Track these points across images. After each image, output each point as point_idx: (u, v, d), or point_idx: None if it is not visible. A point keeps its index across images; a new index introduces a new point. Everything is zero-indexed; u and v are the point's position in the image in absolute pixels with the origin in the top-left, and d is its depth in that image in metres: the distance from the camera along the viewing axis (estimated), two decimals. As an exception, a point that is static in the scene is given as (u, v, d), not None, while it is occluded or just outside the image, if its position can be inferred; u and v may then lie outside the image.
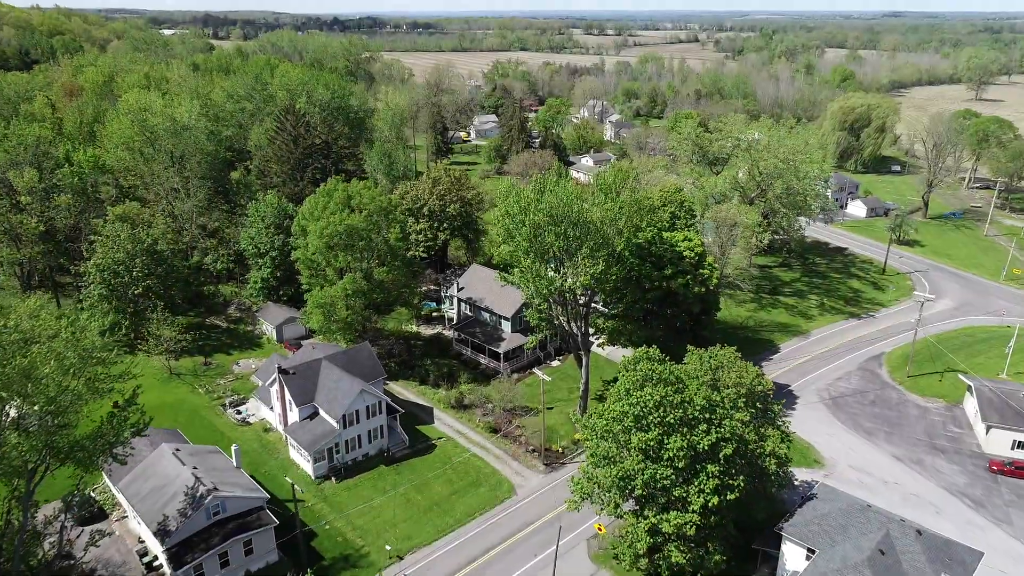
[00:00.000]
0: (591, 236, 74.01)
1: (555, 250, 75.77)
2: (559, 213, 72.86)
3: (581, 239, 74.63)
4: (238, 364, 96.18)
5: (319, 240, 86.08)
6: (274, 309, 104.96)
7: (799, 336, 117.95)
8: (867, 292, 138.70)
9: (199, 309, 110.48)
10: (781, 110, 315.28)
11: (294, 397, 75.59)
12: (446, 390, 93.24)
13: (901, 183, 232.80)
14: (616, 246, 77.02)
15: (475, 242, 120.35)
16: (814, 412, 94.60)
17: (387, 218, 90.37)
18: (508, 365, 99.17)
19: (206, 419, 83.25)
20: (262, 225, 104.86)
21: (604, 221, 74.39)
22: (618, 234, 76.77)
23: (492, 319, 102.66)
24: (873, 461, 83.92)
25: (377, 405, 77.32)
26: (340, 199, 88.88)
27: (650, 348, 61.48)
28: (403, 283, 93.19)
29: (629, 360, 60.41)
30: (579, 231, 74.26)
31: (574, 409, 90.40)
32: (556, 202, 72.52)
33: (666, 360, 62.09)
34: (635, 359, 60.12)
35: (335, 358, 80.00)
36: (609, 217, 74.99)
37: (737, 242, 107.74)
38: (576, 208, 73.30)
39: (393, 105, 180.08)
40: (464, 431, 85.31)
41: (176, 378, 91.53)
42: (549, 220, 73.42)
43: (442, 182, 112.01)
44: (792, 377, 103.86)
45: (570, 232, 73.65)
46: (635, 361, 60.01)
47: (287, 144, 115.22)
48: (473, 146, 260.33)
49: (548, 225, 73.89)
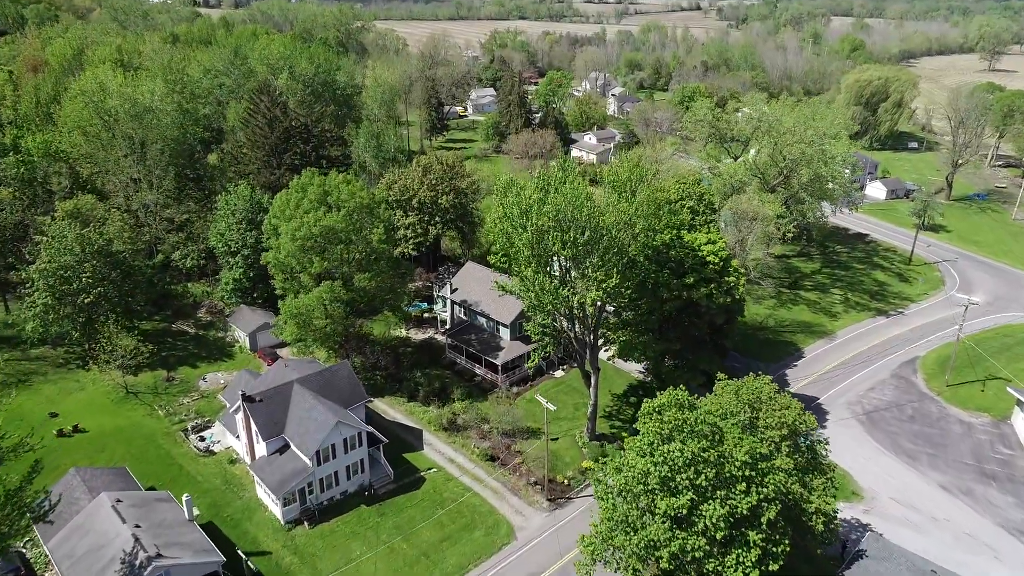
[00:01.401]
0: (602, 242, 63.53)
1: (561, 258, 65.43)
2: (567, 217, 62.31)
3: (591, 246, 64.20)
4: (204, 379, 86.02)
5: (291, 243, 75.53)
6: (247, 313, 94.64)
7: (824, 338, 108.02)
8: (893, 285, 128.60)
9: (165, 313, 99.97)
10: (790, 82, 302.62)
11: (261, 429, 65.68)
12: (437, 408, 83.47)
13: (919, 161, 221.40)
14: (631, 252, 66.55)
15: (471, 235, 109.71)
16: (847, 430, 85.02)
17: (370, 216, 79.67)
18: (506, 378, 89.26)
19: (163, 449, 73.28)
20: (232, 220, 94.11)
21: (618, 225, 63.85)
22: (633, 239, 66.28)
23: (489, 325, 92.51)
24: (917, 491, 74.50)
25: (357, 437, 67.48)
26: (316, 195, 78.12)
27: (677, 390, 51.31)
28: (388, 288, 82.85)
29: (652, 407, 50.29)
30: (589, 237, 63.79)
31: (581, 431, 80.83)
32: (564, 204, 61.87)
33: (695, 401, 52.03)
34: (659, 405, 50.02)
35: (309, 381, 69.94)
36: (623, 220, 64.47)
37: (759, 236, 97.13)
38: (586, 211, 62.72)
39: (382, 81, 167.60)
40: (457, 459, 75.63)
41: (133, 397, 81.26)
42: (555, 225, 62.91)
43: (433, 171, 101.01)
44: (820, 388, 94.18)
45: (579, 239, 63.18)
46: (659, 408, 49.92)
47: (261, 128, 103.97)
48: (470, 122, 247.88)
49: (554, 231, 63.40)
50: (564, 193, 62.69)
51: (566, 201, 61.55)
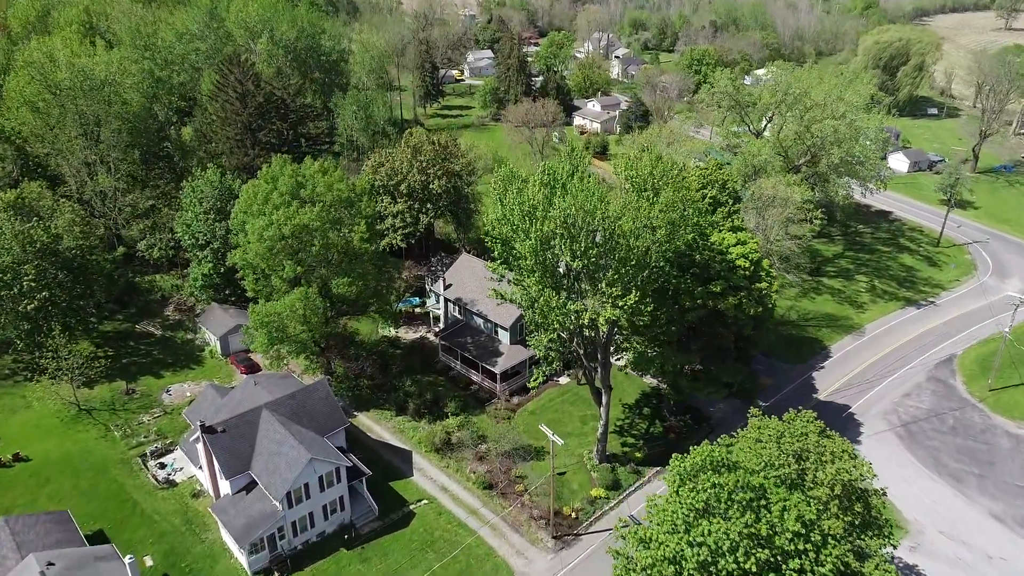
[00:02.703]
0: (619, 252, 53.99)
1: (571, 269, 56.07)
2: (578, 223, 52.65)
3: (606, 256, 54.70)
4: (168, 391, 76.92)
5: (259, 243, 65.88)
6: (219, 314, 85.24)
7: (852, 333, 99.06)
8: (922, 270, 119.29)
9: (129, 311, 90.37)
10: (802, 43, 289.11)
11: (223, 466, 56.94)
12: (428, 423, 74.82)
13: (939, 128, 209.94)
14: (651, 262, 57.03)
15: (466, 221, 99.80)
16: (883, 446, 76.56)
17: (350, 211, 69.86)
18: (506, 387, 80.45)
19: (116, 480, 64.43)
20: (199, 209, 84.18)
21: (637, 232, 54.24)
22: (654, 245, 56.70)
23: (487, 326, 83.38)
24: (968, 522, 66.30)
25: (335, 473, 58.79)
26: (287, 188, 68.18)
27: (714, 448, 42.27)
28: (373, 291, 73.51)
29: (684, 470, 41.24)
30: (604, 246, 54.24)
31: (590, 451, 72.29)
32: (574, 209, 52.16)
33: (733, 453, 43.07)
34: (691, 469, 40.96)
35: (280, 406, 60.97)
36: (644, 225, 54.84)
37: (782, 222, 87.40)
38: (600, 215, 53.02)
39: (371, 46, 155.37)
40: (450, 487, 67.12)
41: (85, 415, 72.12)
42: (564, 232, 53.29)
43: (424, 151, 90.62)
44: (851, 393, 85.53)
45: (591, 250, 53.60)
46: (691, 472, 40.89)
47: (232, 103, 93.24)
48: (467, 87, 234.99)
49: (562, 238, 53.82)
50: (574, 194, 52.92)
51: (577, 205, 51.79)
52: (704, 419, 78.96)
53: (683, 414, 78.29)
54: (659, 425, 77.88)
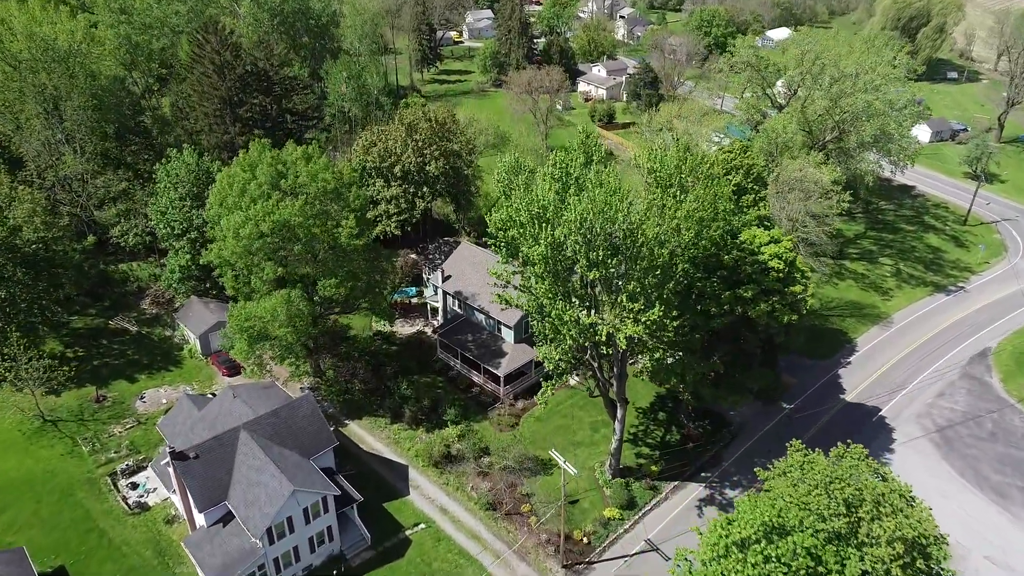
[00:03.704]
0: (642, 262, 47.19)
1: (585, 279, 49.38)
2: (596, 229, 45.73)
3: (627, 266, 47.93)
4: (143, 398, 70.62)
5: (236, 242, 58.90)
6: (198, 309, 78.54)
7: (879, 323, 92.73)
8: (949, 251, 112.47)
9: (102, 304, 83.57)
10: (815, 1, 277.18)
11: (196, 497, 50.96)
12: (426, 431, 68.90)
13: (960, 94, 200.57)
14: (677, 272, 50.32)
15: (466, 204, 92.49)
16: (918, 455, 70.82)
17: (338, 203, 62.71)
18: (510, 389, 74.31)
19: (82, 505, 58.43)
20: (174, 195, 76.93)
21: (664, 236, 47.39)
22: (680, 249, 49.93)
23: (489, 323, 76.92)
24: (1016, 547, 60.76)
25: (321, 503, 52.89)
26: (267, 177, 60.90)
27: (761, 507, 36.07)
28: (365, 290, 66.80)
29: (728, 538, 35.03)
30: (625, 254, 47.45)
31: (601, 464, 66.48)
32: (591, 214, 45.17)
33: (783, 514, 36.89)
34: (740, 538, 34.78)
35: (260, 426, 54.75)
36: (670, 228, 47.99)
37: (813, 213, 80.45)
38: (621, 218, 46.06)
39: (363, 8, 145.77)
40: (450, 508, 61.35)
41: (51, 427, 65.90)
42: (579, 239, 46.41)
43: (420, 130, 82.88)
44: (879, 393, 79.58)
45: (610, 261, 46.75)
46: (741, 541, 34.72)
47: (209, 75, 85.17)
48: (466, 49, 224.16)
49: (577, 244, 46.98)
50: (590, 193, 45.87)
51: (594, 209, 44.78)
52: (724, 424, 73.15)
53: (701, 419, 72.44)
54: (676, 432, 72.01)
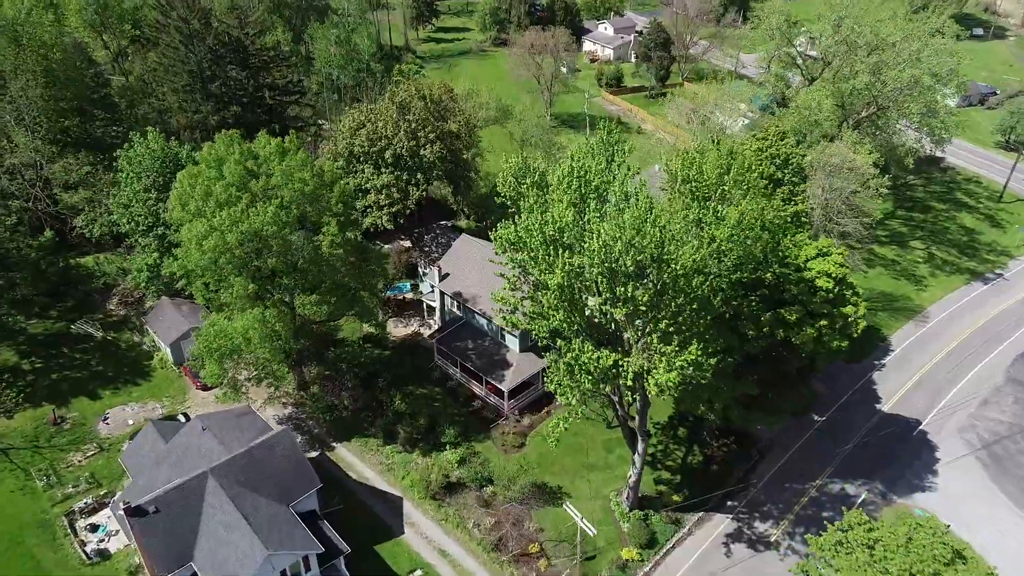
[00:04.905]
0: (677, 297, 39.44)
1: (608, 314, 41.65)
2: (625, 262, 37.79)
3: (659, 301, 40.16)
4: (106, 419, 63.26)
5: (200, 254, 50.95)
6: (170, 313, 70.80)
7: (914, 318, 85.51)
8: (984, 232, 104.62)
9: (65, 303, 75.69)
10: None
11: (157, 559, 44.17)
12: (422, 454, 62.06)
13: (986, 52, 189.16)
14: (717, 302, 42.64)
15: (465, 188, 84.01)
16: (965, 477, 64.19)
17: (317, 207, 54.50)
18: (515, 403, 67.27)
19: (33, 556, 51.52)
20: (139, 186, 68.53)
21: (705, 265, 39.57)
22: (720, 275, 42.18)
23: (491, 328, 69.46)
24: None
25: (302, 562, 46.16)
26: (235, 176, 52.57)
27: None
28: (350, 301, 59.11)
29: None
30: (656, 287, 39.64)
31: (618, 492, 59.77)
32: (619, 244, 37.17)
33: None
34: None
35: (231, 470, 47.68)
36: (711, 252, 40.14)
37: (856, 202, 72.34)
38: (652, 245, 38.09)
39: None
40: (450, 549, 54.75)
41: (2, 457, 58.77)
42: (603, 270, 38.56)
43: (414, 109, 73.95)
44: (919, 402, 72.75)
45: (640, 296, 38.96)
46: None
47: (175, 47, 75.87)
48: (464, 3, 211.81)
49: (601, 276, 39.18)
50: (619, 221, 37.78)
51: (623, 237, 36.75)
52: (751, 442, 66.42)
53: (725, 436, 65.71)
54: (698, 452, 65.34)
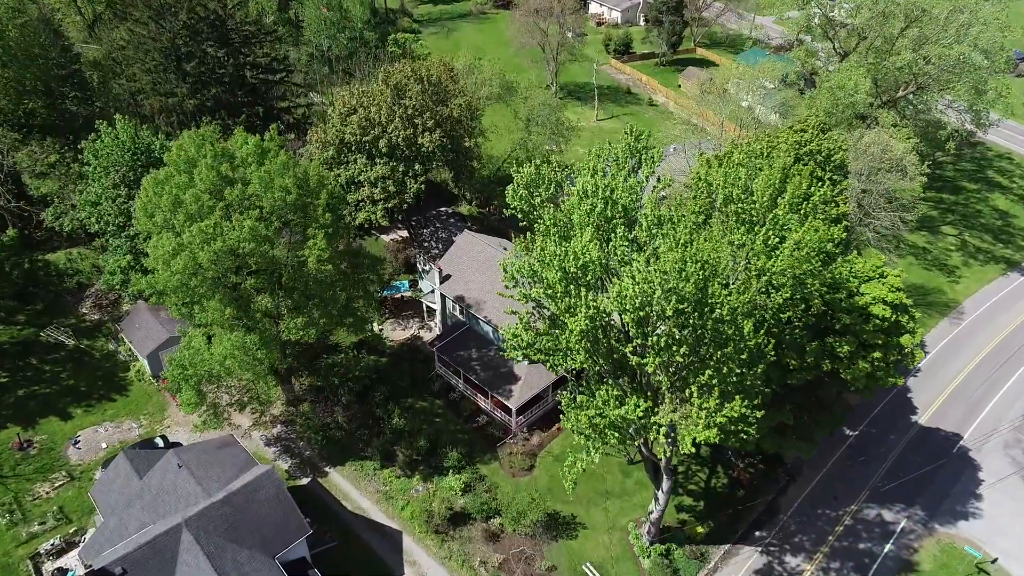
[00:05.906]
0: (724, 348, 33.56)
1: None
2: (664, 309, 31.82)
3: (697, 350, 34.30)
4: (77, 442, 57.76)
5: (169, 274, 44.83)
6: (147, 319, 64.80)
7: (947, 315, 79.90)
8: (1018, 215, 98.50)
9: (34, 308, 69.64)
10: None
11: (125, 629, 39.23)
12: (423, 479, 56.94)
13: (1012, 13, 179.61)
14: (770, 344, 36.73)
15: (466, 175, 77.31)
16: (1011, 501, 59.23)
17: (303, 216, 48.18)
18: (524, 420, 61.93)
19: (-6, 607, 47.26)
20: (107, 182, 61.99)
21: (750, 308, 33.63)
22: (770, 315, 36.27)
23: (497, 337, 63.69)
24: None
25: (289, 628, 41.29)
26: (207, 183, 46.14)
27: None
28: (342, 315, 53.23)
29: None
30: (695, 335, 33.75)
31: (637, 526, 54.83)
32: (660, 288, 31.13)
33: None
34: None
35: (208, 520, 42.42)
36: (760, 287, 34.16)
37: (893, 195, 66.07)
38: (694, 286, 32.04)
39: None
40: (455, 593, 50.05)
41: (-39, 490, 53.97)
42: (636, 318, 32.60)
43: (410, 93, 66.92)
44: (958, 413, 67.50)
45: (678, 347, 33.06)
46: None
47: (145, 22, 68.46)
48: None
49: (632, 325, 33.24)
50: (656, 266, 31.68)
51: (661, 282, 30.68)
52: (779, 464, 61.29)
53: (752, 456, 60.63)
54: (722, 474, 60.27)
